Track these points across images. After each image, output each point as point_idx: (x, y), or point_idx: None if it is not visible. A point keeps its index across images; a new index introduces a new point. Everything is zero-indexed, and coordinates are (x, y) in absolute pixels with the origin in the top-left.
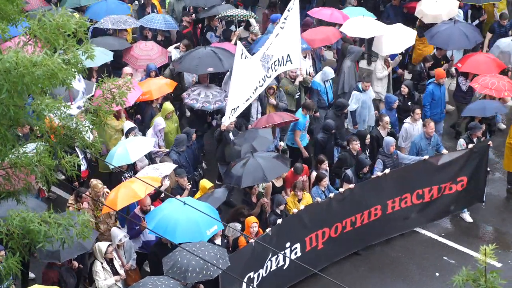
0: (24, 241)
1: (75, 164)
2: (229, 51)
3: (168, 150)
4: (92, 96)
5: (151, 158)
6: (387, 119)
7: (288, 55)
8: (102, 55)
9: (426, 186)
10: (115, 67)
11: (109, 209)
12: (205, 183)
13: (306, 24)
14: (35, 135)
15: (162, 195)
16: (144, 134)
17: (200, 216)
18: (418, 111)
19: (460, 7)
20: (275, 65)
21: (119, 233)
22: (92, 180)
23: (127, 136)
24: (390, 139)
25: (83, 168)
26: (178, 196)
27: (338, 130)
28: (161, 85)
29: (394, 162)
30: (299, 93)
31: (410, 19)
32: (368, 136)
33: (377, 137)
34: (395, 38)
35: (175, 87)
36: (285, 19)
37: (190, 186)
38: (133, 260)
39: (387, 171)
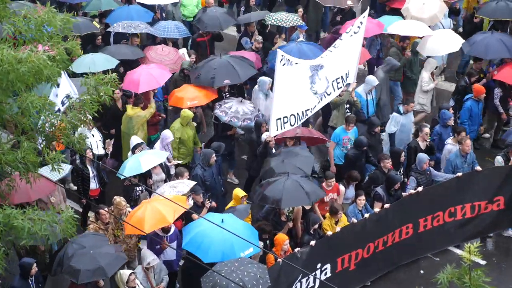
0: (7, 238)
1: (59, 161)
2: (245, 60)
3: (179, 161)
4: None
5: (168, 173)
6: (427, 130)
7: (348, 71)
8: (105, 62)
9: (458, 203)
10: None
11: (135, 230)
12: (238, 192)
13: (337, 32)
14: (19, 132)
15: None
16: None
17: (235, 236)
18: (464, 133)
19: (455, 14)
20: (338, 83)
21: (149, 256)
22: (115, 197)
23: (133, 152)
24: (423, 156)
25: (93, 186)
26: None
27: (372, 148)
28: (206, 92)
29: (427, 179)
30: (348, 107)
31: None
32: (403, 154)
33: (416, 149)
34: (440, 41)
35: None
36: (352, 33)
37: (210, 204)
38: (165, 283)
39: (420, 189)
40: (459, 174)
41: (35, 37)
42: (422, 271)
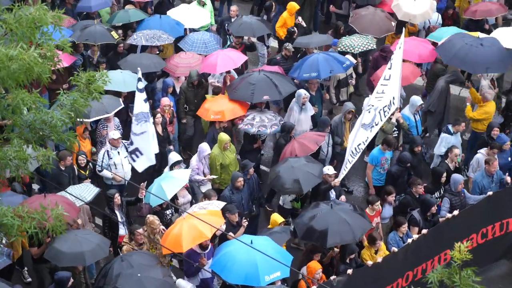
0: None
1: (49, 158)
2: (283, 76)
3: (214, 176)
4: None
5: (193, 193)
6: (457, 151)
7: (394, 96)
8: (134, 82)
9: (490, 223)
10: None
11: (171, 250)
12: (276, 217)
13: (384, 50)
14: (10, 129)
15: None
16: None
17: (263, 259)
18: (495, 150)
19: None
20: (385, 112)
21: (185, 286)
22: (148, 216)
23: (171, 169)
24: (459, 176)
25: (122, 232)
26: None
27: (413, 168)
28: (235, 107)
29: (462, 201)
30: (396, 131)
31: None
32: (444, 174)
33: (446, 172)
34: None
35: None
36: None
37: (247, 223)
38: None
39: (456, 212)
40: (490, 193)
41: (25, 34)
42: None
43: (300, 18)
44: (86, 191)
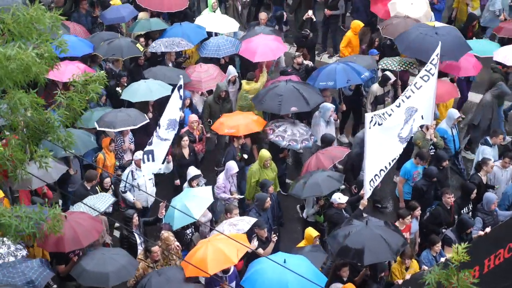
0: None
1: (46, 158)
2: (311, 86)
3: (240, 196)
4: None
5: (213, 210)
6: (491, 163)
7: (424, 113)
8: (161, 89)
9: None
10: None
11: (198, 272)
12: (311, 231)
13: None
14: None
15: None
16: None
17: (294, 279)
18: (507, 159)
19: None
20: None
21: None
22: (163, 232)
23: (190, 183)
24: (492, 196)
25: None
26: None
27: (440, 182)
28: (250, 122)
29: (495, 219)
30: (432, 149)
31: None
32: (475, 191)
33: (479, 185)
34: None
35: None
36: (428, 71)
37: (276, 238)
38: None
39: (488, 229)
40: None
41: (23, 33)
42: None
43: (310, 12)
44: (101, 201)
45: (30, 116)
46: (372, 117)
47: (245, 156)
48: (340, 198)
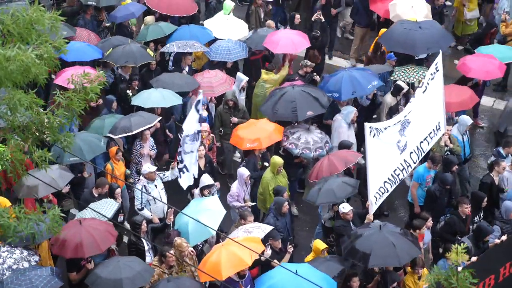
0: None
1: (46, 159)
2: (318, 88)
3: (253, 203)
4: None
5: None
6: (504, 164)
7: (439, 122)
8: (173, 98)
9: None
10: None
11: (211, 277)
12: (318, 244)
13: None
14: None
15: None
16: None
17: None
18: None
19: None
20: (431, 137)
21: None
22: (176, 238)
23: (201, 191)
24: (511, 204)
25: (149, 260)
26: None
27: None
28: (271, 133)
29: None
30: (447, 151)
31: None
32: (485, 199)
33: (491, 185)
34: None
35: None
36: (427, 83)
37: (292, 249)
38: None
39: (504, 237)
40: None
41: (22, 34)
42: None
43: (319, 12)
44: (106, 207)
45: (29, 117)
46: (370, 128)
47: (266, 164)
48: (344, 208)
